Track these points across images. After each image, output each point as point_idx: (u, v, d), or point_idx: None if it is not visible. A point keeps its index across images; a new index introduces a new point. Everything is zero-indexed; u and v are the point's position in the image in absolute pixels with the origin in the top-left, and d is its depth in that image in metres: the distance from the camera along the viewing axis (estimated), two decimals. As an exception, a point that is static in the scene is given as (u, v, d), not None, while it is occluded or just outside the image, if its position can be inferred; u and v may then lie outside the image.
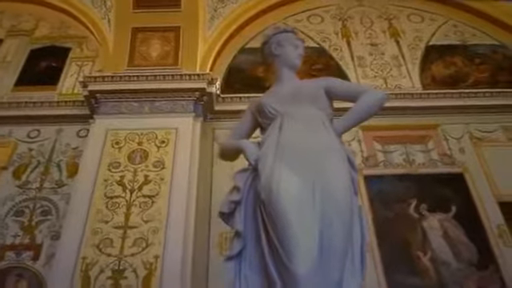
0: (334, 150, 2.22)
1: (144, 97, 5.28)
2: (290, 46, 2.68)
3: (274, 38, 2.73)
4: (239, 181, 2.22)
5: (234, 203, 2.17)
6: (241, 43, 6.58)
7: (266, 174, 2.13)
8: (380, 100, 2.47)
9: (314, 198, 2.02)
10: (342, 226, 2.01)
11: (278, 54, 2.68)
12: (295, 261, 1.87)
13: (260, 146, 2.35)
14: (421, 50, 6.50)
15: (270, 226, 2.00)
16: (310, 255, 1.89)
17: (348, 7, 7.13)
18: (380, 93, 2.52)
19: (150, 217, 4.38)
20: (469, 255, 4.54)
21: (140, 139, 4.97)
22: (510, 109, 5.72)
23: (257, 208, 2.13)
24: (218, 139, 5.54)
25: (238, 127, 2.74)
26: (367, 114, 2.45)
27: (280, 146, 2.20)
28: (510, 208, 4.88)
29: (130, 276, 4.03)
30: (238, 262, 2.08)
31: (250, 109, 2.70)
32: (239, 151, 2.47)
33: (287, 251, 1.89)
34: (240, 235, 2.11)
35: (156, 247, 4.19)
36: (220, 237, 4.71)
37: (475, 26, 6.78)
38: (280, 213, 1.98)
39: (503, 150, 5.41)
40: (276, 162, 2.14)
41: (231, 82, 6.11)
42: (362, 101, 2.43)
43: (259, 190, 2.12)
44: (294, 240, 1.90)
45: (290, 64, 2.67)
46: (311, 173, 2.08)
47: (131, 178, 4.66)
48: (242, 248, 2.10)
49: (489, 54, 6.43)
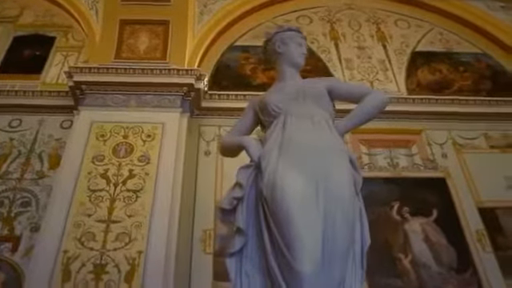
0: (337, 150, 2.23)
1: (131, 90, 5.21)
2: (294, 44, 2.67)
3: (277, 36, 2.72)
4: (242, 177, 2.21)
5: (236, 200, 2.15)
6: (229, 40, 6.56)
7: (269, 172, 2.12)
8: (384, 102, 2.50)
9: (317, 196, 2.03)
10: (345, 226, 2.02)
11: (281, 52, 2.67)
12: (300, 260, 1.87)
13: (262, 143, 2.34)
14: (407, 56, 6.58)
15: (274, 224, 2.00)
16: (314, 254, 1.89)
17: (337, 10, 7.17)
18: (383, 95, 2.54)
19: (134, 211, 4.33)
20: (448, 259, 4.62)
21: (125, 133, 4.90)
22: (492, 117, 5.84)
23: (258, 205, 2.12)
24: (204, 136, 5.53)
25: (239, 124, 2.72)
26: (371, 115, 2.47)
27: (284, 144, 2.19)
28: (489, 214, 4.99)
29: (112, 271, 3.97)
30: (238, 258, 2.06)
31: (251, 106, 2.68)
32: (241, 148, 2.46)
33: (292, 250, 1.89)
34: (242, 232, 2.09)
35: (139, 242, 4.14)
36: (203, 233, 4.69)
37: (460, 35, 6.90)
38: (285, 211, 1.97)
39: (484, 156, 5.53)
40: (280, 160, 2.14)
41: (219, 79, 6.08)
42: (367, 102, 2.45)
43: (262, 187, 2.12)
44: (298, 239, 1.90)
45: (293, 62, 2.67)
46: (315, 171, 2.08)
47: (115, 172, 4.59)
48: (243, 245, 2.08)
49: (472, 63, 6.56)
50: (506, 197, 5.17)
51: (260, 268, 2.02)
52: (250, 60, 6.41)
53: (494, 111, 5.88)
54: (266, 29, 6.77)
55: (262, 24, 6.86)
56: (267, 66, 6.21)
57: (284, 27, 2.76)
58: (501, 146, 5.66)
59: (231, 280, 2.03)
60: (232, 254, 2.07)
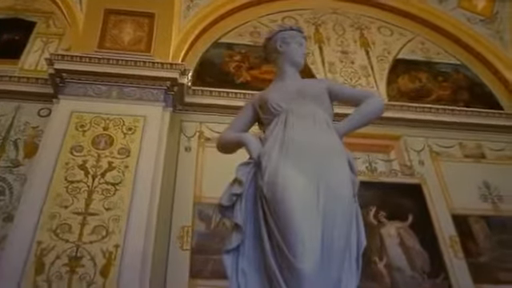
0: (337, 151, 2.24)
1: (113, 81, 5.11)
2: (295, 43, 2.67)
3: (279, 35, 2.71)
4: (242, 174, 2.20)
5: (235, 196, 2.14)
6: (215, 37, 6.53)
7: (270, 170, 2.12)
8: (383, 106, 2.54)
9: (318, 196, 2.04)
10: (344, 225, 2.04)
11: (282, 51, 2.67)
12: (300, 258, 1.87)
13: (262, 141, 2.33)
14: (389, 63, 6.69)
15: (274, 223, 1.99)
16: (314, 253, 1.90)
17: (322, 13, 7.23)
18: (382, 99, 2.57)
19: (112, 205, 4.25)
20: (422, 263, 4.72)
21: (106, 124, 4.81)
22: (467, 127, 6.01)
23: (257, 202, 2.12)
24: (186, 131, 5.49)
25: (237, 120, 2.70)
26: (370, 119, 2.51)
27: (285, 143, 2.20)
28: (461, 221, 5.12)
29: (87, 264, 3.89)
30: (235, 255, 2.05)
31: (251, 103, 2.67)
32: (240, 144, 2.44)
33: (292, 249, 1.90)
34: (239, 229, 2.08)
35: (116, 236, 4.07)
36: (181, 230, 4.66)
37: (440, 45, 7.06)
38: (286, 211, 1.98)
39: (459, 165, 5.68)
40: (281, 159, 2.14)
41: (202, 75, 6.04)
42: (368, 104, 2.48)
43: (261, 185, 2.11)
44: (299, 238, 1.91)
45: (294, 61, 2.66)
46: (315, 171, 2.09)
47: (94, 164, 4.50)
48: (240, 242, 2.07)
49: (451, 73, 6.73)
50: (478, 205, 5.33)
51: (257, 266, 2.02)
52: (235, 58, 6.39)
53: (470, 121, 6.05)
54: (251, 27, 6.83)
55: (247, 22, 6.87)
56: (257, 64, 6.35)
57: (286, 26, 2.76)
58: (475, 156, 5.82)
59: (228, 277, 2.02)
60: (229, 251, 2.06)
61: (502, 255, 4.94)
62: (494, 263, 4.86)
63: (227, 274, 2.03)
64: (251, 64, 6.38)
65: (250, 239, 2.08)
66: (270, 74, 6.33)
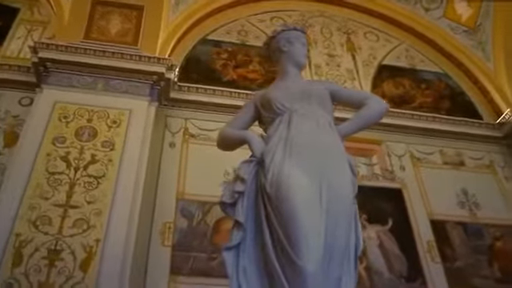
0: (339, 152, 2.26)
1: (99, 73, 5.03)
2: (299, 44, 2.67)
3: (283, 35, 2.71)
4: (244, 172, 2.18)
5: (237, 194, 2.13)
6: (202, 34, 6.50)
7: (274, 169, 2.12)
8: (385, 109, 2.57)
9: (320, 196, 2.05)
10: (346, 226, 2.07)
11: (286, 51, 2.67)
12: (304, 258, 1.88)
13: (265, 139, 2.33)
14: (374, 68, 6.77)
15: (277, 221, 2.00)
16: (318, 253, 1.91)
17: (310, 15, 7.27)
18: (384, 103, 2.60)
19: (94, 198, 4.19)
20: (400, 267, 4.80)
21: (90, 116, 4.73)
22: (448, 135, 6.13)
23: (259, 200, 2.12)
24: (170, 127, 5.44)
25: (238, 118, 2.68)
26: (371, 121, 2.53)
27: (289, 142, 2.20)
28: (439, 226, 5.23)
29: (67, 258, 3.82)
30: (235, 253, 2.04)
31: (253, 101, 2.65)
32: (242, 142, 2.43)
33: (296, 248, 1.90)
34: (241, 226, 2.08)
35: (98, 230, 4.01)
36: (163, 226, 4.62)
37: (424, 53, 7.19)
38: (290, 210, 1.98)
39: (438, 171, 5.79)
40: (285, 159, 2.14)
41: (188, 72, 6.00)
42: (370, 107, 2.50)
43: (264, 183, 2.11)
44: (303, 237, 1.91)
45: (297, 62, 2.67)
46: (318, 171, 2.10)
47: (77, 156, 4.42)
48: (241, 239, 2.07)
49: (434, 81, 6.85)
50: (455, 212, 5.45)
51: (257, 263, 2.01)
52: (222, 55, 6.38)
53: (450, 129, 6.18)
54: (239, 26, 6.82)
55: (236, 21, 6.86)
56: (243, 63, 6.35)
57: (289, 26, 2.76)
58: (454, 163, 5.94)
59: (228, 274, 2.01)
60: (229, 248, 2.05)
61: (477, 261, 5.06)
62: (469, 269, 4.98)
63: (227, 272, 2.01)
64: (238, 62, 6.37)
65: (251, 237, 2.08)
66: (257, 74, 6.37)
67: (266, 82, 6.19)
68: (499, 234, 5.31)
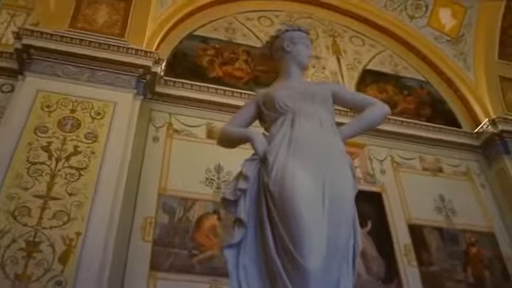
0: (341, 154, 2.29)
1: (84, 63, 4.95)
2: (303, 45, 2.69)
3: (287, 34, 2.71)
4: (248, 170, 2.18)
5: (240, 191, 2.13)
6: (190, 29, 6.45)
7: (277, 168, 2.13)
8: (387, 113, 2.60)
9: (323, 197, 2.06)
10: (347, 227, 2.10)
11: (289, 51, 2.67)
12: (306, 257, 1.89)
13: (268, 138, 2.33)
14: (358, 72, 6.85)
15: (280, 220, 2.00)
16: (320, 252, 1.92)
17: (298, 17, 7.29)
18: (386, 107, 2.63)
19: (76, 190, 4.12)
20: (378, 269, 4.88)
21: (74, 107, 4.65)
22: (428, 141, 6.26)
23: (261, 199, 2.12)
24: (154, 121, 5.39)
25: (239, 115, 2.67)
26: (373, 125, 2.56)
27: (292, 142, 2.21)
28: (416, 230, 5.33)
29: (45, 250, 3.74)
30: (236, 250, 2.03)
31: (254, 100, 2.65)
32: (245, 140, 2.42)
33: (299, 247, 1.91)
34: (243, 224, 2.07)
35: (78, 223, 3.95)
36: (144, 221, 4.57)
37: (408, 60, 7.30)
38: (294, 210, 1.98)
39: (418, 177, 5.90)
40: (289, 158, 2.14)
41: (174, 66, 5.94)
42: (371, 111, 2.53)
43: (267, 181, 2.11)
44: (306, 237, 1.92)
45: (300, 62, 2.68)
46: (321, 172, 2.11)
47: (59, 147, 4.34)
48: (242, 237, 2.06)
49: (416, 88, 6.98)
50: (432, 217, 5.56)
51: (257, 261, 2.01)
52: (208, 52, 6.35)
53: (430, 136, 6.30)
54: (226, 23, 6.80)
55: (223, 18, 6.84)
56: (230, 60, 6.33)
57: (294, 26, 2.77)
58: (433, 169, 6.07)
59: (229, 272, 2.00)
60: (231, 246, 2.04)
61: (452, 266, 5.18)
62: (443, 273, 5.09)
63: (228, 269, 2.00)
64: (224, 60, 6.35)
65: (252, 235, 2.08)
66: (243, 72, 6.36)
67: (251, 81, 6.22)
68: (474, 239, 5.45)
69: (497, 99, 6.54)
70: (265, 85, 5.99)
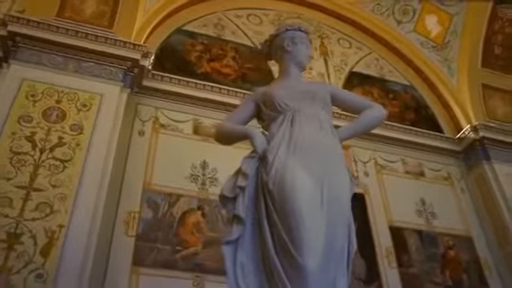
0: (339, 155, 2.31)
1: (71, 53, 4.86)
2: (303, 45, 2.70)
3: (288, 34, 2.72)
4: (247, 167, 2.18)
5: (239, 189, 2.12)
6: (178, 23, 6.40)
7: (277, 167, 2.13)
8: (384, 116, 2.63)
9: (322, 197, 2.07)
10: (343, 228, 2.11)
11: (289, 51, 2.68)
12: (305, 256, 1.90)
13: (267, 136, 2.33)
14: (345, 74, 6.91)
15: (279, 219, 2.00)
16: (319, 252, 1.94)
17: (287, 16, 7.31)
18: (383, 110, 2.66)
19: (59, 182, 4.05)
20: (359, 270, 4.92)
21: (59, 97, 4.57)
22: (411, 145, 6.35)
23: (259, 196, 2.12)
24: (140, 115, 5.34)
25: (237, 113, 2.66)
26: (370, 127, 2.59)
27: (292, 142, 2.21)
28: (397, 232, 5.41)
29: (27, 242, 3.67)
30: (234, 247, 2.03)
31: (253, 98, 2.64)
32: (244, 137, 2.41)
33: (298, 246, 1.92)
34: (241, 221, 2.07)
35: (62, 215, 3.88)
36: (128, 215, 4.53)
37: (393, 64, 7.40)
38: (294, 210, 1.99)
39: (400, 180, 5.99)
40: (289, 157, 2.15)
41: (162, 61, 5.88)
42: (370, 113, 2.56)
43: (266, 180, 2.11)
44: (305, 236, 1.94)
45: (300, 62, 2.69)
46: (321, 173, 2.12)
47: (43, 137, 4.26)
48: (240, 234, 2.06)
49: (400, 92, 7.08)
50: (413, 219, 5.65)
51: (254, 258, 2.02)
52: (197, 47, 6.31)
53: (413, 140, 6.39)
54: (216, 19, 6.78)
55: (212, 14, 6.82)
56: (218, 57, 6.30)
57: (294, 26, 2.78)
58: (415, 173, 6.17)
59: (227, 268, 1.99)
60: (228, 242, 2.04)
61: (431, 268, 5.28)
62: (423, 275, 5.18)
63: (226, 266, 2.00)
64: (213, 56, 6.33)
65: (249, 232, 2.08)
66: (231, 69, 6.34)
67: (238, 78, 6.22)
68: (452, 243, 5.56)
69: (478, 106, 6.68)
70: (252, 83, 6.16)
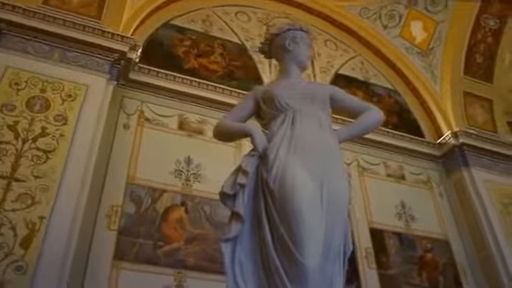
0: (339, 156, 2.32)
1: (57, 42, 4.77)
2: (304, 45, 2.70)
3: (289, 33, 2.72)
4: (247, 165, 2.17)
5: (239, 186, 2.11)
6: (167, 17, 6.35)
7: (278, 166, 2.14)
8: (382, 119, 2.66)
9: (322, 196, 2.09)
10: (341, 227, 2.14)
11: (290, 50, 2.68)
12: (306, 255, 1.91)
13: (268, 135, 2.33)
14: (330, 75, 6.97)
15: (279, 217, 2.01)
16: (318, 250, 1.96)
17: (275, 15, 7.32)
18: (381, 113, 2.69)
19: (42, 173, 3.98)
20: (339, 270, 4.97)
21: (44, 86, 4.48)
22: (393, 148, 6.44)
23: (258, 194, 2.12)
24: (125, 108, 5.28)
25: (237, 110, 2.65)
26: (368, 130, 2.62)
27: (293, 141, 2.22)
28: (377, 234, 5.49)
29: (6, 233, 3.59)
30: (232, 244, 2.02)
31: (253, 95, 2.63)
32: (245, 135, 2.41)
33: (299, 245, 1.93)
34: (241, 219, 2.06)
35: (43, 207, 3.81)
36: (110, 209, 4.48)
37: (378, 68, 7.49)
38: (295, 209, 2.00)
39: (381, 182, 6.07)
40: (289, 156, 2.16)
41: (149, 54, 5.81)
42: (369, 116, 2.58)
43: (267, 178, 2.12)
44: (306, 235, 1.95)
45: (301, 62, 2.70)
46: (320, 172, 2.14)
47: (26, 127, 4.18)
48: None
49: (384, 96, 7.17)
50: (393, 222, 5.74)
51: (253, 256, 2.02)
52: (184, 42, 6.27)
53: (395, 144, 6.48)
54: (204, 15, 6.75)
55: (201, 9, 6.79)
56: (206, 53, 6.27)
57: (296, 26, 2.78)
58: (396, 176, 6.26)
59: (226, 266, 1.99)
60: (227, 240, 2.03)
61: (408, 270, 5.37)
62: (400, 277, 5.27)
63: (225, 263, 1.99)
64: (200, 52, 6.30)
65: (247, 229, 2.08)
66: (218, 65, 6.32)
67: (225, 75, 6.20)
68: (430, 246, 5.67)
69: (459, 113, 6.82)
70: (239, 80, 6.17)
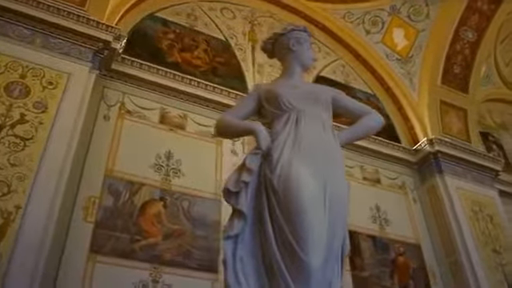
0: (340, 157, 2.35)
1: (39, 27, 4.64)
2: (307, 46, 2.72)
3: (293, 34, 2.73)
4: (251, 163, 2.16)
5: (243, 183, 2.10)
6: (152, 9, 6.27)
7: (282, 165, 2.14)
8: (382, 123, 2.69)
9: (324, 197, 2.11)
10: (341, 227, 2.17)
11: (294, 51, 2.70)
12: (309, 254, 1.93)
13: (271, 134, 2.32)
14: (312, 77, 7.01)
15: (283, 216, 2.02)
16: (322, 250, 1.97)
17: (260, 14, 7.34)
18: (381, 117, 2.72)
19: (19, 161, 3.87)
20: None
21: (24, 72, 4.36)
22: (369, 152, 6.54)
23: (261, 193, 2.11)
24: (106, 99, 5.18)
25: (238, 108, 2.63)
26: (368, 133, 2.66)
27: (297, 141, 2.23)
28: (352, 237, 5.43)
29: (-20, 222, 3.48)
30: (234, 242, 2.00)
31: (256, 94, 2.62)
32: (248, 133, 2.39)
33: (302, 244, 1.94)
34: (243, 216, 2.05)
35: (19, 196, 3.71)
36: (88, 200, 4.39)
37: (358, 73, 7.59)
38: (299, 209, 2.01)
39: (357, 185, 6.15)
40: (293, 156, 2.16)
41: (133, 45, 5.71)
42: (369, 119, 2.62)
43: (271, 177, 2.12)
44: (310, 235, 1.96)
45: (304, 63, 2.71)
46: (324, 173, 2.16)
47: (4, 112, 4.06)
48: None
49: (364, 100, 7.24)
50: (368, 225, 5.83)
51: (254, 254, 2.02)
52: (168, 35, 6.21)
53: (372, 148, 6.58)
54: (189, 9, 6.71)
55: (186, 3, 6.73)
56: (189, 47, 6.22)
57: (300, 27, 2.79)
58: (372, 180, 6.36)
59: (227, 263, 1.97)
60: (229, 237, 2.01)
61: (381, 272, 5.48)
62: (373, 279, 5.37)
63: (226, 260, 1.98)
64: (184, 46, 6.25)
65: (249, 227, 2.07)
66: (201, 61, 6.28)
67: (209, 71, 6.16)
68: (402, 250, 5.79)
69: (435, 121, 6.98)
70: (222, 77, 6.14)
